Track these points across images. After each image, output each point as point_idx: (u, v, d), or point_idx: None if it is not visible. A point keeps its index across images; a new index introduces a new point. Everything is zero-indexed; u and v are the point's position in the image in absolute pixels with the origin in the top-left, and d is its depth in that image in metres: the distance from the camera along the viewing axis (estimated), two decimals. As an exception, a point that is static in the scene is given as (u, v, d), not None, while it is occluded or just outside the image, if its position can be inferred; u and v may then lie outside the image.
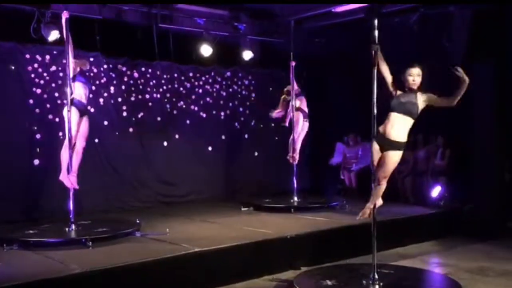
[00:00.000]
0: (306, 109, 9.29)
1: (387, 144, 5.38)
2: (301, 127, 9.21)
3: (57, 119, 8.11)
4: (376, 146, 5.43)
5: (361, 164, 10.32)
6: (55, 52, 8.27)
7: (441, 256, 7.34)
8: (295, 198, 9.05)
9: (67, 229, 6.69)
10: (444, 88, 5.37)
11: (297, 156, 9.17)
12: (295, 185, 9.15)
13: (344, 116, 10.53)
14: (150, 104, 9.50)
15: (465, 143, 8.87)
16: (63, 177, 6.82)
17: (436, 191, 9.05)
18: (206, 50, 9.34)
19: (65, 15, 6.74)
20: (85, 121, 6.97)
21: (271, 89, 11.00)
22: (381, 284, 5.44)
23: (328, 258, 6.76)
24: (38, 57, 8.26)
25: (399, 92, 5.47)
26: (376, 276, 5.47)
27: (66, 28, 6.73)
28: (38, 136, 8.15)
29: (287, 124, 9.40)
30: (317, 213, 8.32)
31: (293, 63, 9.07)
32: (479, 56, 8.22)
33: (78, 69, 6.94)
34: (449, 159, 9.15)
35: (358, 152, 10.52)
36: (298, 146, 9.21)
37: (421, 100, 5.37)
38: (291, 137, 9.19)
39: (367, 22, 7.76)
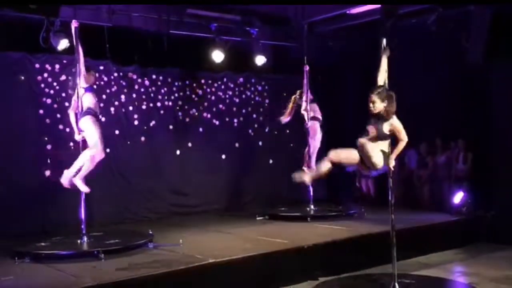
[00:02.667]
0: (320, 117, 9.24)
1: None
2: (319, 136, 9.15)
3: (67, 129, 8.17)
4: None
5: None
6: (64, 61, 8.35)
7: (465, 265, 7.26)
8: (312, 207, 9.03)
9: (79, 241, 6.74)
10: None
11: (314, 165, 9.10)
12: (311, 193, 9.14)
13: (360, 122, 10.46)
14: (161, 112, 9.55)
15: (486, 146, 8.78)
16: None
17: (458, 197, 8.94)
18: (218, 56, 9.37)
19: (74, 24, 6.80)
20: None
21: (285, 94, 10.93)
22: (402, 294, 5.40)
23: (346, 268, 6.71)
24: (48, 67, 8.36)
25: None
26: (397, 287, 5.42)
27: (76, 37, 6.80)
28: (49, 146, 8.23)
29: (285, 121, 9.30)
30: (335, 221, 8.28)
31: (307, 68, 9.07)
32: (498, 56, 8.15)
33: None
34: (471, 163, 9.05)
35: (375, 158, 10.44)
36: (315, 155, 9.14)
37: (386, 128, 5.36)
38: (308, 147, 9.10)
39: (383, 23, 7.77)
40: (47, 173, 8.17)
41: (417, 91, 9.48)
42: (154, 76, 9.51)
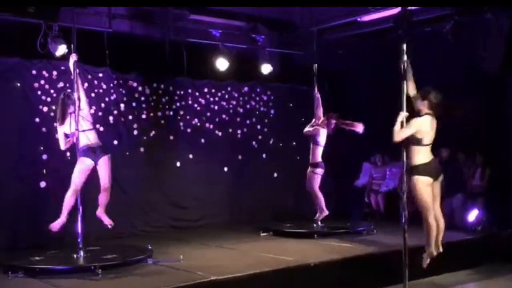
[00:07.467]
0: None
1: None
2: None
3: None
4: None
5: (389, 185, 10.31)
6: (62, 68, 8.35)
7: (480, 286, 7.30)
8: (319, 223, 9.06)
9: (75, 255, 6.79)
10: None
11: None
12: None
13: (371, 133, 10.52)
14: (162, 122, 9.62)
15: (504, 162, 8.81)
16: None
17: (473, 215, 8.98)
18: (222, 64, 9.45)
19: (73, 58, 6.91)
20: None
21: (291, 104, 11.09)
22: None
23: (355, 288, 6.76)
24: (45, 73, 8.42)
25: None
26: (408, 308, 5.46)
27: (75, 72, 6.90)
28: (44, 156, 8.28)
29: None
30: (342, 239, 8.32)
31: (318, 94, 9.15)
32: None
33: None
34: (488, 179, 9.09)
35: (386, 172, 10.51)
36: None
37: None
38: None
39: (396, 31, 7.84)
40: (42, 184, 8.23)
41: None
42: (155, 85, 9.59)
